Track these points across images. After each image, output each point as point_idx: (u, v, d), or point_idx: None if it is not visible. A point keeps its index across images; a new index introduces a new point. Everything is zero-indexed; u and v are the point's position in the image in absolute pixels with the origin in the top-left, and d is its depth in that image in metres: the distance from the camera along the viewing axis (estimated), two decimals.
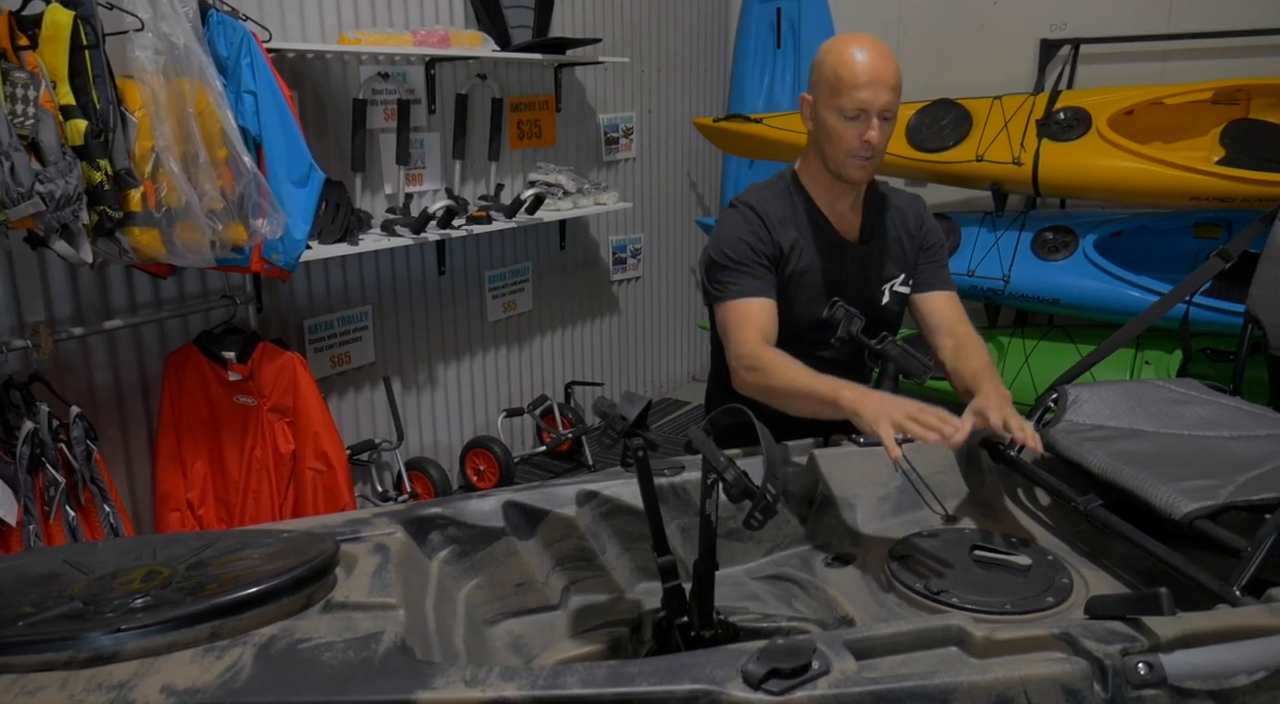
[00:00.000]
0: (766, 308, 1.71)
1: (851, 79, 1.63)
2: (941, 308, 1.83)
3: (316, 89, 3.13)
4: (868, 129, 1.66)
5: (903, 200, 1.89)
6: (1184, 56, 4.11)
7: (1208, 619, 1.07)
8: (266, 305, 3.05)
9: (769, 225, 1.75)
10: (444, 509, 1.40)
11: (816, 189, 1.81)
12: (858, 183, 1.75)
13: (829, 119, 1.69)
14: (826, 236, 1.80)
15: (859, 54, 1.65)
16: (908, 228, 1.85)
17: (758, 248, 1.73)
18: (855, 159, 1.69)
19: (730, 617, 1.37)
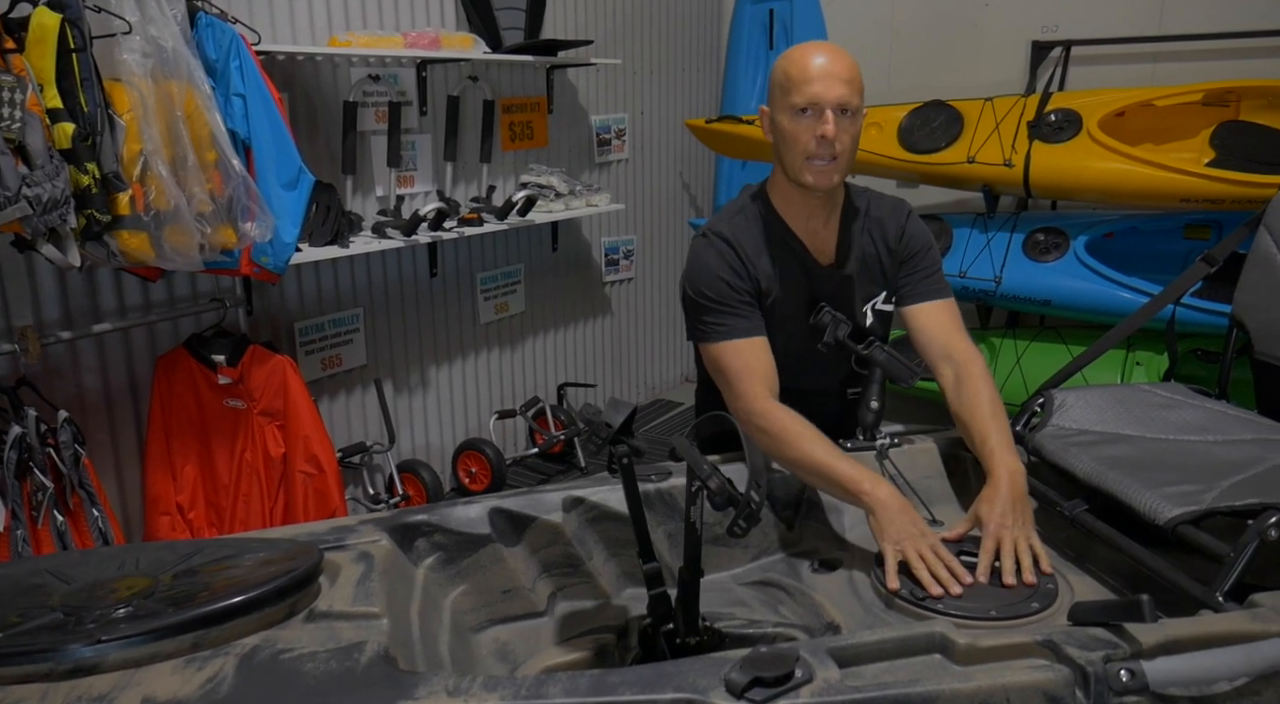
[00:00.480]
0: (760, 348, 1.64)
1: (801, 75, 1.57)
2: (931, 323, 1.70)
3: (307, 91, 3.12)
4: (821, 123, 1.55)
5: (883, 209, 1.78)
6: (1175, 58, 4.12)
7: (1190, 625, 1.08)
8: (257, 308, 3.04)
9: (744, 258, 1.68)
10: (430, 516, 1.40)
11: (787, 207, 1.72)
12: (819, 189, 1.63)
13: (782, 121, 1.61)
14: (800, 262, 1.72)
15: (809, 53, 1.59)
16: (887, 241, 1.75)
17: (737, 284, 1.66)
18: (813, 161, 1.59)
19: (716, 623, 1.37)
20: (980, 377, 1.60)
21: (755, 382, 1.61)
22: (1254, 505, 1.19)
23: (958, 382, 1.62)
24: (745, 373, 1.62)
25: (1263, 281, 1.55)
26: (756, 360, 1.63)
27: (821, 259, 1.74)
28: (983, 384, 1.58)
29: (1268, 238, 1.56)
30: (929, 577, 1.33)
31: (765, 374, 1.63)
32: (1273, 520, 1.15)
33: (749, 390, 1.61)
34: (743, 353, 1.64)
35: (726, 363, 1.65)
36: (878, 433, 1.65)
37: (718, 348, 1.66)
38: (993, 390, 1.58)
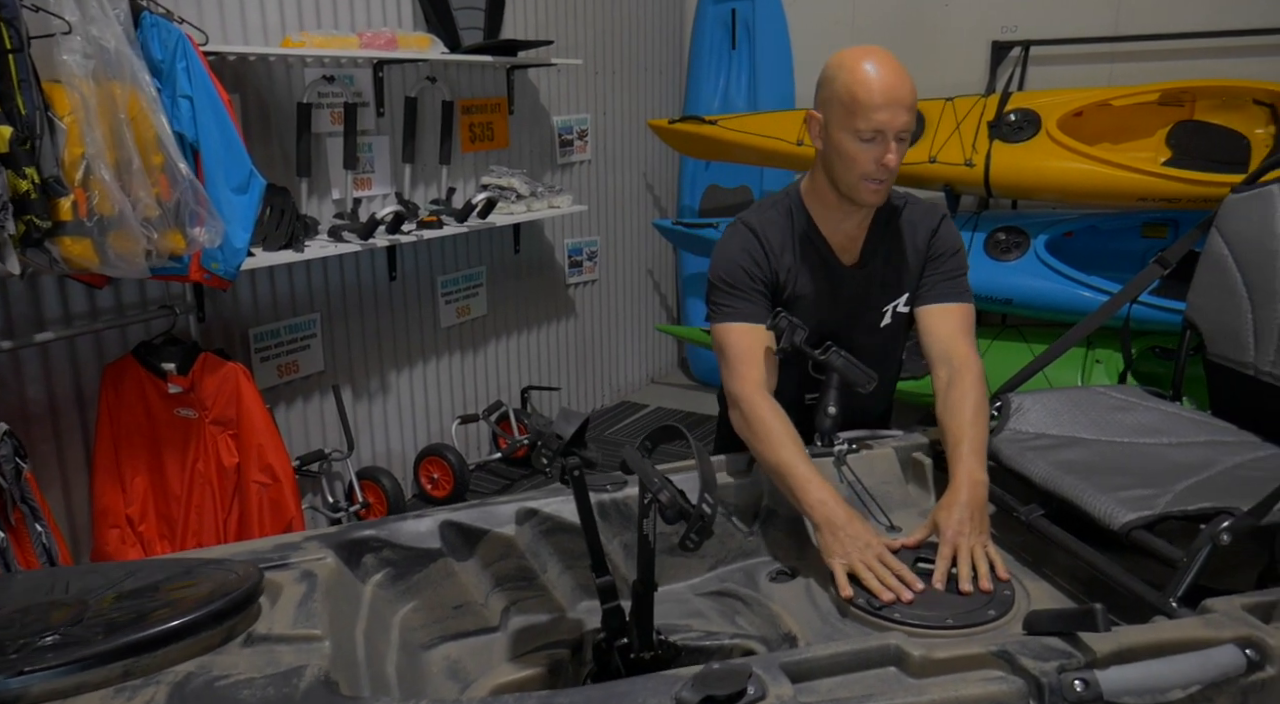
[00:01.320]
0: (762, 337, 1.65)
1: (868, 100, 1.54)
2: (939, 325, 1.71)
3: (260, 93, 3.06)
4: (885, 152, 1.57)
5: (917, 213, 1.78)
6: (1131, 59, 4.16)
7: (1143, 633, 1.07)
8: (209, 314, 2.98)
9: (768, 250, 1.70)
10: (378, 531, 1.36)
11: (821, 210, 1.73)
12: (871, 206, 1.67)
13: (843, 141, 1.60)
14: (822, 261, 1.74)
15: (875, 72, 1.55)
16: (916, 244, 1.75)
17: (753, 273, 1.69)
18: (869, 182, 1.60)
19: (672, 636, 1.35)
20: (971, 383, 1.59)
21: (753, 366, 1.63)
22: (1207, 509, 1.19)
23: (948, 385, 1.62)
24: (745, 356, 1.64)
25: (1214, 283, 1.55)
26: (758, 347, 1.65)
27: (845, 259, 1.76)
28: (971, 390, 1.58)
29: (1219, 239, 1.57)
30: (879, 585, 1.32)
31: (758, 362, 1.64)
32: (1225, 525, 1.15)
33: (744, 373, 1.62)
34: (746, 336, 1.66)
35: (730, 342, 1.67)
36: (835, 439, 1.64)
37: (724, 328, 1.69)
38: (980, 398, 1.57)
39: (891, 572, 1.34)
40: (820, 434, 1.65)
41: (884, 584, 1.32)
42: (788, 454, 1.50)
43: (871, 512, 1.56)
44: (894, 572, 1.34)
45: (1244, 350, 1.48)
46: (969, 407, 1.54)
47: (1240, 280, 1.49)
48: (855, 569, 1.35)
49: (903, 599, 1.31)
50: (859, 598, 1.33)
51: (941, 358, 1.67)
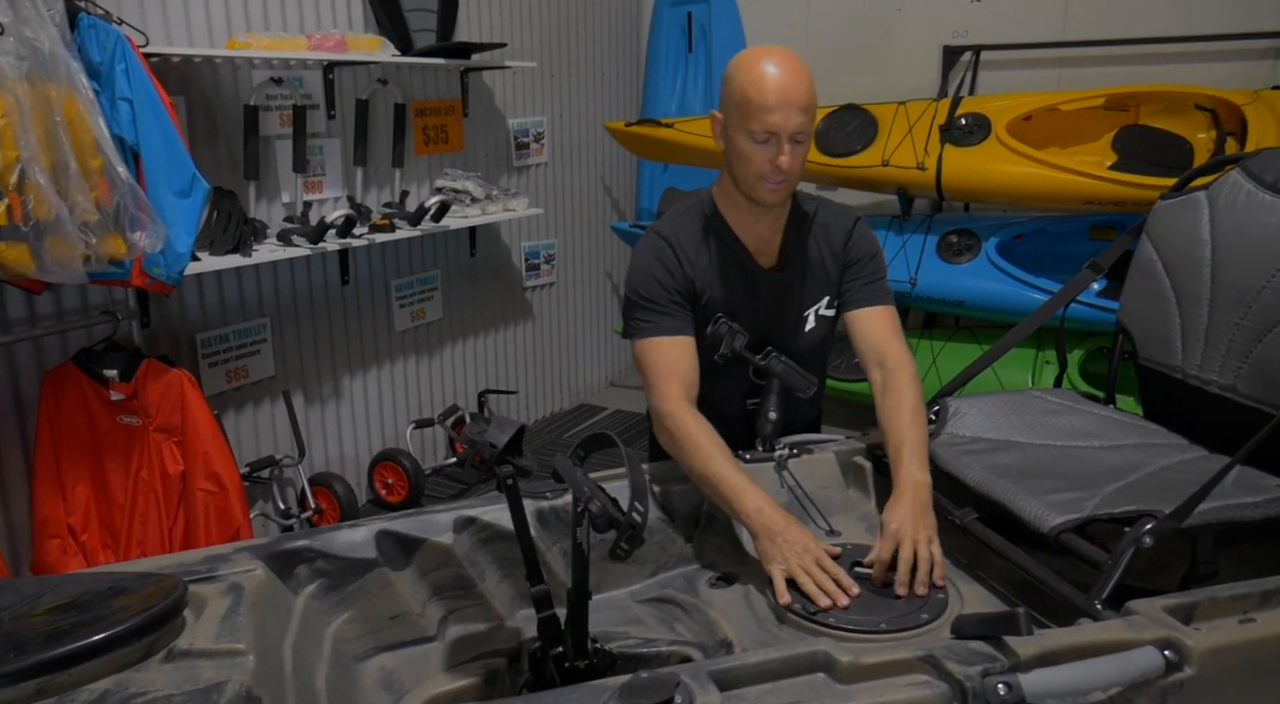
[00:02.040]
0: (683, 349, 1.65)
1: (761, 101, 1.53)
2: (869, 328, 1.71)
3: (206, 95, 3.02)
4: (779, 153, 1.56)
5: (831, 215, 1.78)
6: (1079, 64, 4.23)
7: (1067, 636, 1.08)
8: (155, 319, 2.93)
9: (681, 257, 1.69)
10: (311, 541, 1.35)
11: (732, 212, 1.72)
12: (770, 205, 1.66)
13: (739, 141, 1.60)
14: (740, 265, 1.73)
15: (769, 73, 1.54)
16: (832, 247, 1.75)
17: (667, 283, 1.67)
18: (766, 182, 1.60)
19: (610, 643, 1.35)
20: (906, 385, 1.60)
21: (672, 382, 1.61)
22: (1131, 512, 1.21)
23: (884, 387, 1.63)
24: (664, 372, 1.63)
25: (1144, 288, 1.58)
26: (677, 360, 1.64)
27: (764, 262, 1.75)
28: (907, 392, 1.59)
29: (1149, 245, 1.59)
30: (816, 590, 1.32)
31: (683, 375, 1.63)
32: (1147, 528, 1.16)
33: (664, 390, 1.61)
34: (665, 351, 1.65)
35: (649, 360, 1.66)
36: (776, 444, 1.64)
37: (642, 345, 1.68)
38: (916, 399, 1.59)
39: (829, 576, 1.35)
40: (761, 439, 1.65)
41: (821, 589, 1.33)
42: (717, 465, 1.50)
43: (811, 516, 1.57)
44: (831, 576, 1.35)
45: (1173, 354, 1.51)
46: (906, 409, 1.55)
47: (1169, 285, 1.52)
48: (794, 574, 1.36)
49: (839, 604, 1.31)
50: (795, 604, 1.33)
51: (876, 360, 1.68)
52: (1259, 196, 1.40)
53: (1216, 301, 1.43)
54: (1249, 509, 1.21)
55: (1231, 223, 1.43)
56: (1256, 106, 3.48)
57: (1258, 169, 1.43)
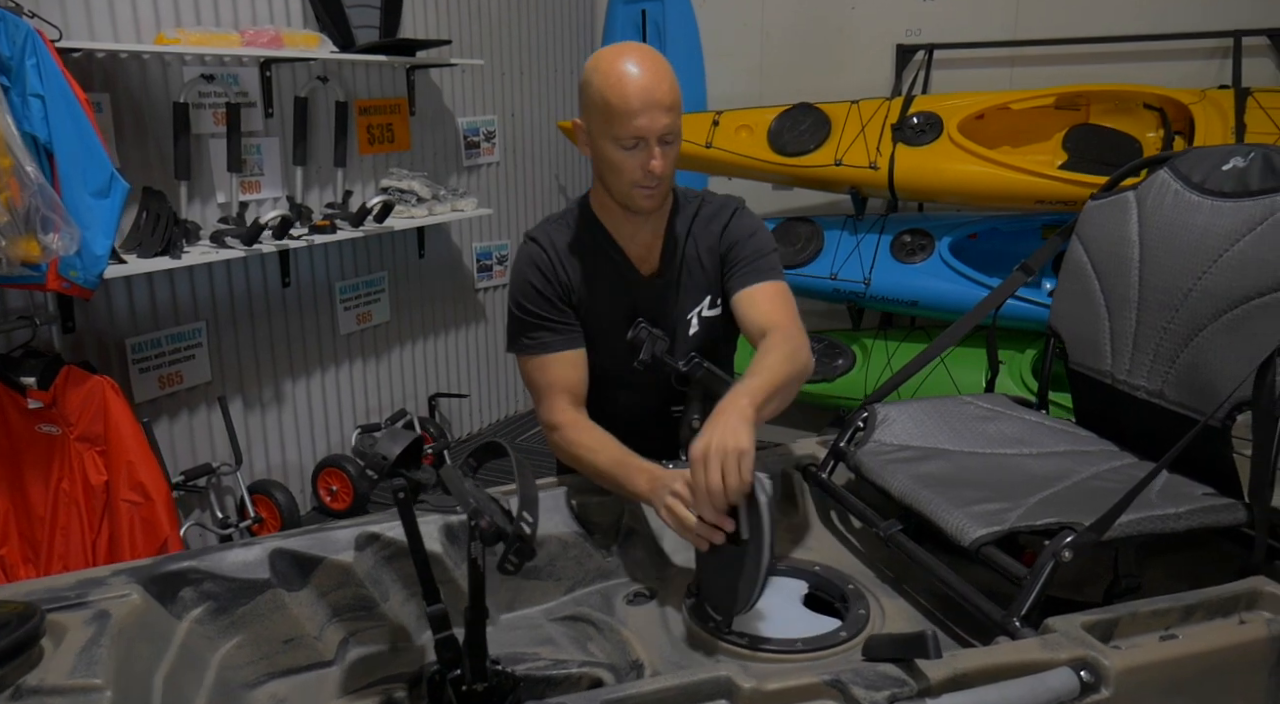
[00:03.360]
0: (569, 363, 1.59)
1: (623, 106, 1.44)
2: (750, 308, 1.58)
3: (133, 92, 2.92)
4: (650, 157, 1.48)
5: (712, 209, 1.68)
6: (1031, 63, 4.21)
7: (980, 656, 1.04)
8: (80, 324, 2.82)
9: (555, 262, 1.62)
10: (198, 562, 1.27)
11: (611, 220, 1.64)
12: (647, 211, 1.58)
13: (606, 149, 1.51)
14: (618, 272, 1.65)
15: (628, 74, 1.44)
16: (710, 243, 1.66)
17: (545, 291, 1.60)
18: (640, 189, 1.53)
19: (519, 665, 1.28)
20: (784, 337, 1.48)
21: (559, 396, 1.57)
22: (1052, 525, 1.16)
23: (765, 337, 1.51)
24: (551, 389, 1.58)
25: (1074, 290, 1.54)
26: (563, 377, 1.59)
27: (644, 268, 1.67)
28: (784, 342, 1.47)
29: (1079, 246, 1.55)
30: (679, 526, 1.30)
31: (569, 388, 1.58)
32: (1067, 541, 1.12)
33: (553, 405, 1.57)
34: (549, 368, 1.59)
35: (534, 378, 1.61)
36: None
37: (527, 362, 1.62)
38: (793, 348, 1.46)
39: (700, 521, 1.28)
40: (684, 447, 1.59)
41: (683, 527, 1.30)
42: (606, 456, 1.47)
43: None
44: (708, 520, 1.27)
45: (1102, 358, 1.46)
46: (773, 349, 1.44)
47: (1098, 287, 1.48)
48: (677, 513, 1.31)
49: (714, 541, 1.26)
50: (708, 621, 1.28)
51: (762, 329, 1.54)
52: (1186, 196, 1.36)
53: (1144, 304, 1.39)
54: (1171, 520, 1.17)
55: (1159, 224, 1.39)
56: (1203, 106, 3.48)
57: (1185, 168, 1.39)
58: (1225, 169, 1.32)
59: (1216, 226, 1.29)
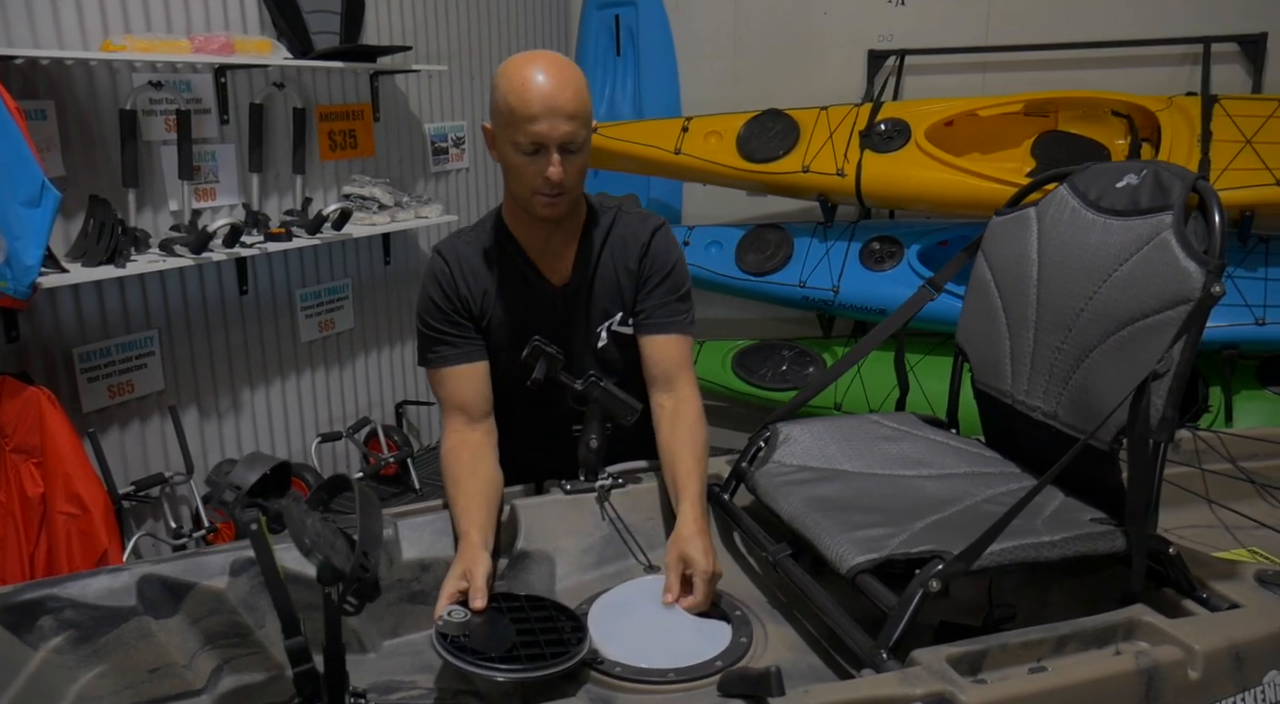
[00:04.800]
0: (467, 377, 1.59)
1: (524, 109, 1.44)
2: (660, 355, 1.63)
3: (79, 100, 2.89)
4: (548, 164, 1.47)
5: (630, 228, 1.67)
6: (1002, 68, 4.18)
7: (835, 692, 1.00)
8: (24, 334, 2.80)
9: (458, 276, 1.61)
10: (58, 590, 1.24)
11: (520, 228, 1.63)
12: (549, 220, 1.57)
13: (507, 154, 1.51)
14: (525, 282, 1.64)
15: (532, 79, 1.45)
16: (627, 262, 1.66)
17: (445, 306, 1.60)
18: (541, 196, 1.51)
19: (392, 694, 1.25)
20: (696, 421, 1.57)
21: (453, 413, 1.59)
22: (925, 553, 1.13)
23: (672, 419, 1.58)
24: (447, 404, 1.60)
25: (977, 308, 1.50)
26: (458, 391, 1.59)
27: (554, 278, 1.65)
28: (698, 430, 1.56)
29: (984, 263, 1.52)
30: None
31: (465, 405, 1.58)
32: (936, 570, 1.08)
33: (447, 421, 1.60)
34: (446, 382, 1.60)
35: (436, 391, 1.63)
36: (600, 473, 1.55)
37: (431, 376, 1.64)
38: (699, 443, 1.55)
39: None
40: (583, 469, 1.56)
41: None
42: (457, 497, 1.48)
43: (632, 550, 1.48)
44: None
45: (1003, 378, 1.43)
46: (695, 449, 1.53)
47: (1000, 306, 1.44)
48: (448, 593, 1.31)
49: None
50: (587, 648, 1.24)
51: (664, 385, 1.62)
52: (1082, 214, 1.32)
53: (1041, 324, 1.35)
54: (1046, 549, 1.13)
55: (1056, 242, 1.35)
56: (1170, 112, 3.44)
57: (1083, 185, 1.35)
58: (1119, 186, 1.28)
59: (1107, 246, 1.25)
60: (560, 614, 1.28)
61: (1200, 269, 1.11)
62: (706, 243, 4.28)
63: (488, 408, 1.60)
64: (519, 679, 1.16)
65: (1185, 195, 1.17)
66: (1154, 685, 1.03)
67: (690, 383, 1.64)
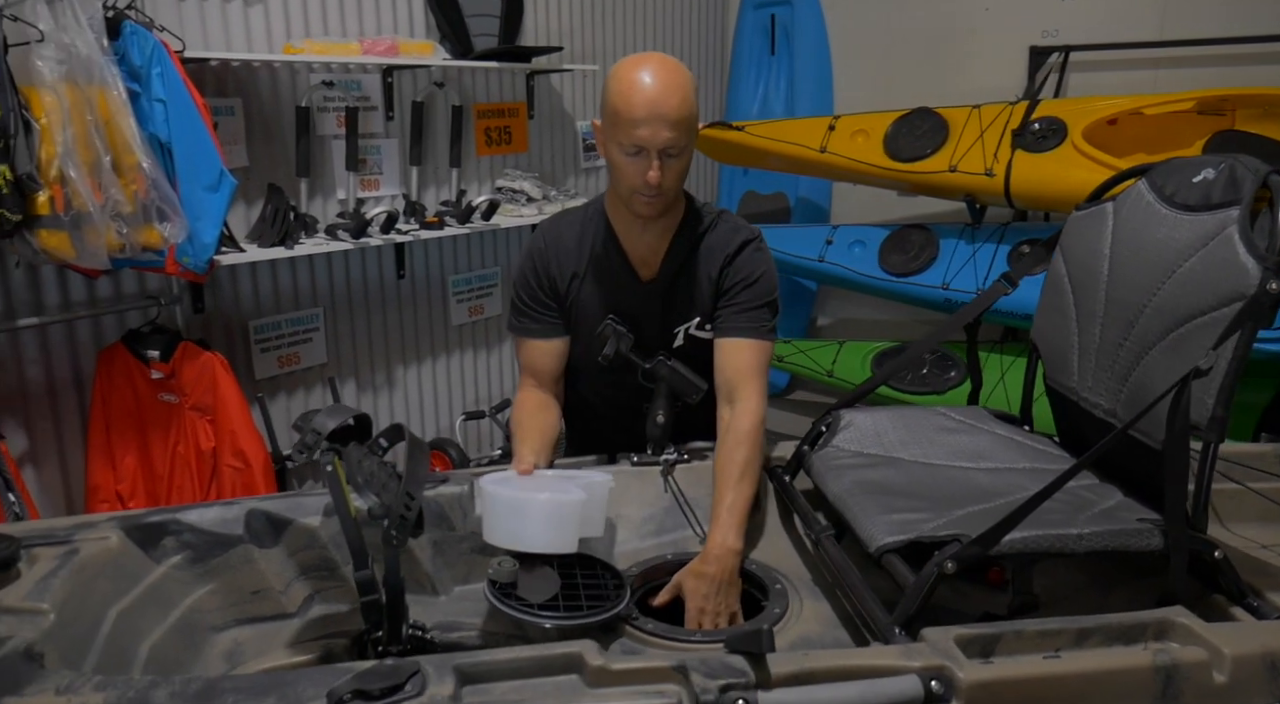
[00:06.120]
0: (540, 350, 1.74)
1: (628, 113, 1.51)
2: (727, 361, 1.64)
3: (262, 97, 3.22)
4: (649, 168, 1.53)
5: (720, 237, 1.71)
6: (1176, 64, 3.94)
7: (832, 657, 1.04)
8: (209, 306, 3.14)
9: (551, 255, 1.72)
10: (178, 515, 1.43)
11: (619, 220, 1.71)
12: (646, 218, 1.64)
13: (611, 152, 1.59)
14: (613, 271, 1.72)
15: (638, 83, 1.50)
16: (710, 271, 1.70)
17: (534, 282, 1.73)
18: (640, 195, 1.58)
19: (453, 632, 1.37)
20: (745, 436, 1.55)
21: (527, 376, 1.75)
22: (947, 536, 1.14)
23: (725, 431, 1.59)
24: (524, 367, 1.76)
25: (1051, 304, 1.47)
26: (533, 360, 1.74)
27: (643, 273, 1.73)
28: (742, 445, 1.54)
29: (1060, 259, 1.48)
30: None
31: (536, 372, 1.74)
32: (950, 553, 1.09)
33: (521, 381, 1.76)
34: (525, 350, 1.75)
35: (517, 353, 1.79)
36: (666, 449, 1.63)
37: (516, 341, 1.80)
38: (749, 456, 1.53)
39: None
40: (650, 443, 1.64)
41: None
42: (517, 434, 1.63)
43: (690, 523, 1.55)
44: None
45: (1070, 374, 1.39)
46: (736, 466, 1.51)
47: (1071, 302, 1.41)
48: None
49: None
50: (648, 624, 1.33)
51: (726, 396, 1.63)
52: (1155, 209, 1.28)
53: (1108, 320, 1.31)
54: (1072, 541, 1.12)
55: (1128, 236, 1.31)
56: None
57: (1161, 180, 1.31)
58: (1195, 181, 1.23)
59: (1174, 241, 1.21)
60: (606, 572, 1.37)
61: (1258, 265, 1.07)
62: (850, 242, 4.25)
63: (557, 377, 1.74)
64: (562, 626, 1.25)
65: (1255, 189, 1.12)
66: (1173, 684, 1.01)
67: (755, 393, 1.61)
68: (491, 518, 1.32)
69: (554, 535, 1.28)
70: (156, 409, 2.90)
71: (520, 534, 1.29)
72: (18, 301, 2.73)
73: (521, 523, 1.29)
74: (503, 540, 1.31)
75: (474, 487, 1.42)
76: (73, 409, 2.92)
